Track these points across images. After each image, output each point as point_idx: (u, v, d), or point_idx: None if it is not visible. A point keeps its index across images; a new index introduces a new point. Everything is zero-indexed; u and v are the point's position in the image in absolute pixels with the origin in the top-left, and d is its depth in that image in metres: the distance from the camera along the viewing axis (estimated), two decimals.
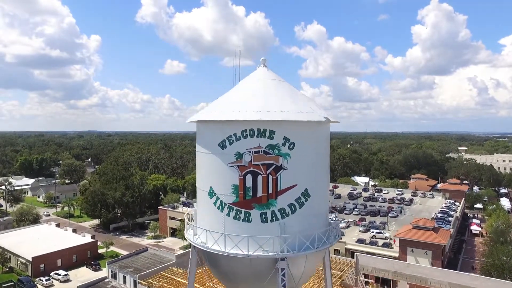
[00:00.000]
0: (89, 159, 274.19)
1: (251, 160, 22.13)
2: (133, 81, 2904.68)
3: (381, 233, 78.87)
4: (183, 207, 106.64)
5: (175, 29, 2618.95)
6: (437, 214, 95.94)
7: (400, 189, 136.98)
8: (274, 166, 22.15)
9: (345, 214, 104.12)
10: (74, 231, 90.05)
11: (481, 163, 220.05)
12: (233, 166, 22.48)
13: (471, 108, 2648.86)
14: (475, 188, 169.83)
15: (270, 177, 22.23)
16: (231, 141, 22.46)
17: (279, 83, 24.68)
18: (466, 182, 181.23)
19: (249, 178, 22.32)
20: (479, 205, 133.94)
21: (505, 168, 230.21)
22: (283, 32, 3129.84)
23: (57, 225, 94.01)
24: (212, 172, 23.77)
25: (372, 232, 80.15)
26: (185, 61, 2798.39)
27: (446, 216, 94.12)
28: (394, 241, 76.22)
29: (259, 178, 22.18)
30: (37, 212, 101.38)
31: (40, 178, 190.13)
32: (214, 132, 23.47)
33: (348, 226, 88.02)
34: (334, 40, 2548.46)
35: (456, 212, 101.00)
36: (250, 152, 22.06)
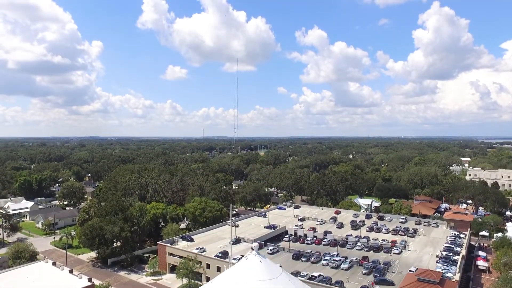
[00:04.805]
0: (90, 174, 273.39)
1: None
2: (134, 86, 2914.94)
3: None
4: (183, 241, 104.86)
5: (176, 35, 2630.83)
6: (442, 252, 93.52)
7: (404, 217, 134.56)
8: None
9: (347, 248, 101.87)
10: (71, 271, 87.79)
11: (485, 180, 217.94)
12: None
13: (473, 113, 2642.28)
14: (480, 209, 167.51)
15: None
16: None
17: (273, 284, 21.67)
18: (470, 202, 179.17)
19: None
20: (484, 233, 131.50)
21: (510, 185, 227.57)
22: (284, 37, 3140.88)
23: (54, 264, 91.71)
24: None
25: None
26: (186, 66, 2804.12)
27: (451, 254, 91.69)
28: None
29: None
30: (33, 249, 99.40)
31: (39, 198, 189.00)
32: None
33: (350, 267, 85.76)
34: (335, 45, 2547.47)
35: (462, 247, 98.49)
36: None
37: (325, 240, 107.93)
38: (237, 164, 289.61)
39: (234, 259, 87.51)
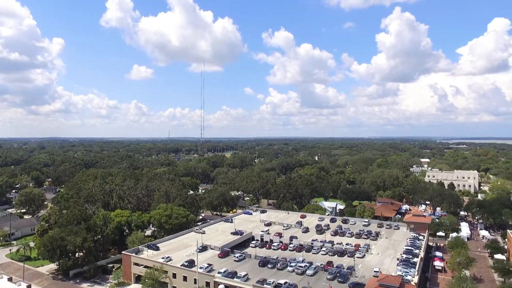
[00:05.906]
0: (50, 179, 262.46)
1: None
2: (98, 86, 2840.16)
3: None
4: (148, 250, 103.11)
5: (142, 34, 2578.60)
6: (402, 255, 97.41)
7: (367, 220, 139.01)
8: None
9: (312, 253, 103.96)
10: (29, 286, 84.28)
11: (442, 181, 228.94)
12: None
13: (432, 114, 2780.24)
14: (438, 209, 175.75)
15: None
16: None
17: None
18: (428, 203, 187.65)
19: None
20: (441, 233, 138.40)
21: (464, 185, 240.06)
22: (251, 38, 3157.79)
23: (10, 279, 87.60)
24: None
25: None
26: (152, 66, 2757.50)
27: (411, 256, 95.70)
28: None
29: None
30: None
31: None
32: None
33: (316, 272, 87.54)
34: (302, 46, 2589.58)
35: (420, 249, 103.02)
36: None
37: (291, 245, 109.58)
38: (204, 168, 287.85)
39: (201, 267, 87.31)
